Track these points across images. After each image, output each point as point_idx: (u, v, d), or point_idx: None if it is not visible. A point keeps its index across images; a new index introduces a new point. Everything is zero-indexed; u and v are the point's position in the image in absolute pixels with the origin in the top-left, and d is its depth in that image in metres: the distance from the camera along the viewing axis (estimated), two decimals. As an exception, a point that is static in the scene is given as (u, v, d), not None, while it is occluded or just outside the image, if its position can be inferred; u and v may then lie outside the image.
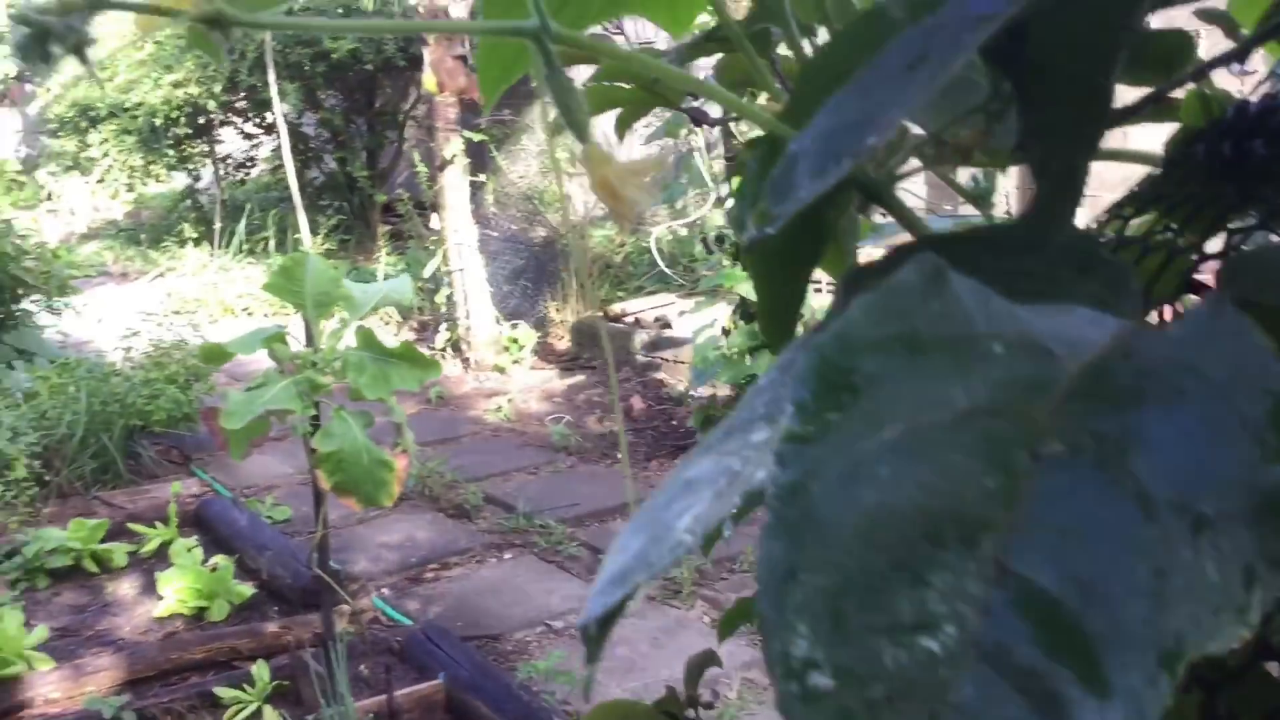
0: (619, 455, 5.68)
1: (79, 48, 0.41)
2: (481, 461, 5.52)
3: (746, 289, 5.22)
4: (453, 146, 6.73)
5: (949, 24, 0.31)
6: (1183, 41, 0.52)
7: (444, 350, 7.30)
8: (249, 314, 8.64)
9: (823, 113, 0.33)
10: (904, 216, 0.38)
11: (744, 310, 5.30)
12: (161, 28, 0.59)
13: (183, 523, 4.44)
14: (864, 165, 0.34)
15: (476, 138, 7.02)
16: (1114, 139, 0.49)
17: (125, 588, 4.07)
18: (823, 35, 0.59)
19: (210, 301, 8.64)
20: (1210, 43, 0.60)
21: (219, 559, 4.01)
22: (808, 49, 0.58)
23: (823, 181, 0.30)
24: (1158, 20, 0.53)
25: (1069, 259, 0.32)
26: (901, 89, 0.30)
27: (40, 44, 0.40)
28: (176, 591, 3.82)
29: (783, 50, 0.65)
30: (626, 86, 0.71)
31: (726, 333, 5.32)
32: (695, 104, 0.76)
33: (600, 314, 7.42)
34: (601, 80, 0.70)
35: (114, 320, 7.47)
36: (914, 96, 0.30)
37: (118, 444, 4.86)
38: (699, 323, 5.62)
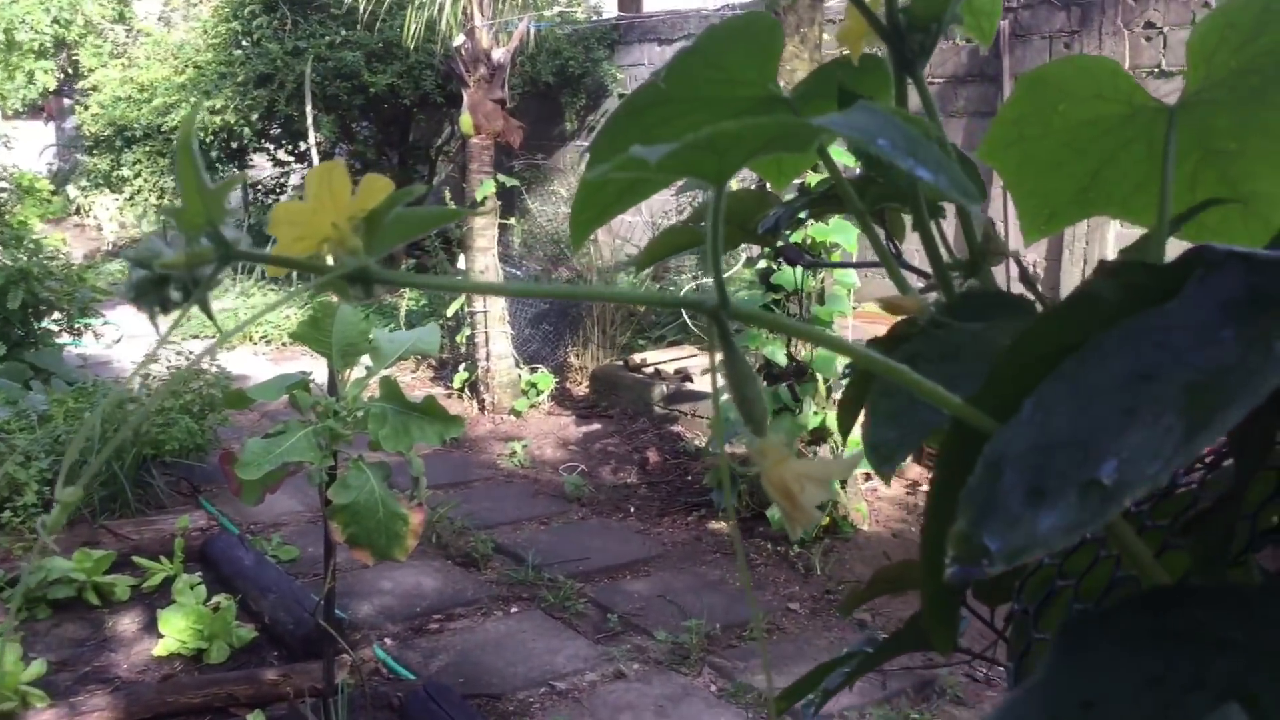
0: (631, 509, 5.61)
1: (201, 299, 0.37)
2: (493, 508, 5.46)
3: (771, 350, 5.17)
4: (485, 188, 6.72)
5: (1178, 339, 0.26)
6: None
7: (461, 390, 7.26)
8: (268, 342, 8.63)
9: (1031, 409, 0.28)
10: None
11: (768, 372, 5.24)
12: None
13: (188, 558, 4.39)
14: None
15: (510, 182, 7.01)
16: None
17: (126, 623, 4.01)
18: (950, 213, 0.53)
19: (229, 328, 8.63)
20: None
21: (221, 599, 3.94)
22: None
23: (1046, 522, 0.25)
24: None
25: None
26: (1127, 419, 0.25)
27: (158, 288, 0.36)
28: (177, 631, 3.75)
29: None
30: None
31: (749, 394, 5.26)
32: (786, 243, 0.71)
33: (621, 363, 7.37)
34: (697, 221, 0.66)
35: (132, 341, 7.47)
36: (1148, 439, 0.24)
37: (128, 472, 4.82)
38: (721, 380, 5.55)
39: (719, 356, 0.38)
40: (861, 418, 0.48)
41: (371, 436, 2.90)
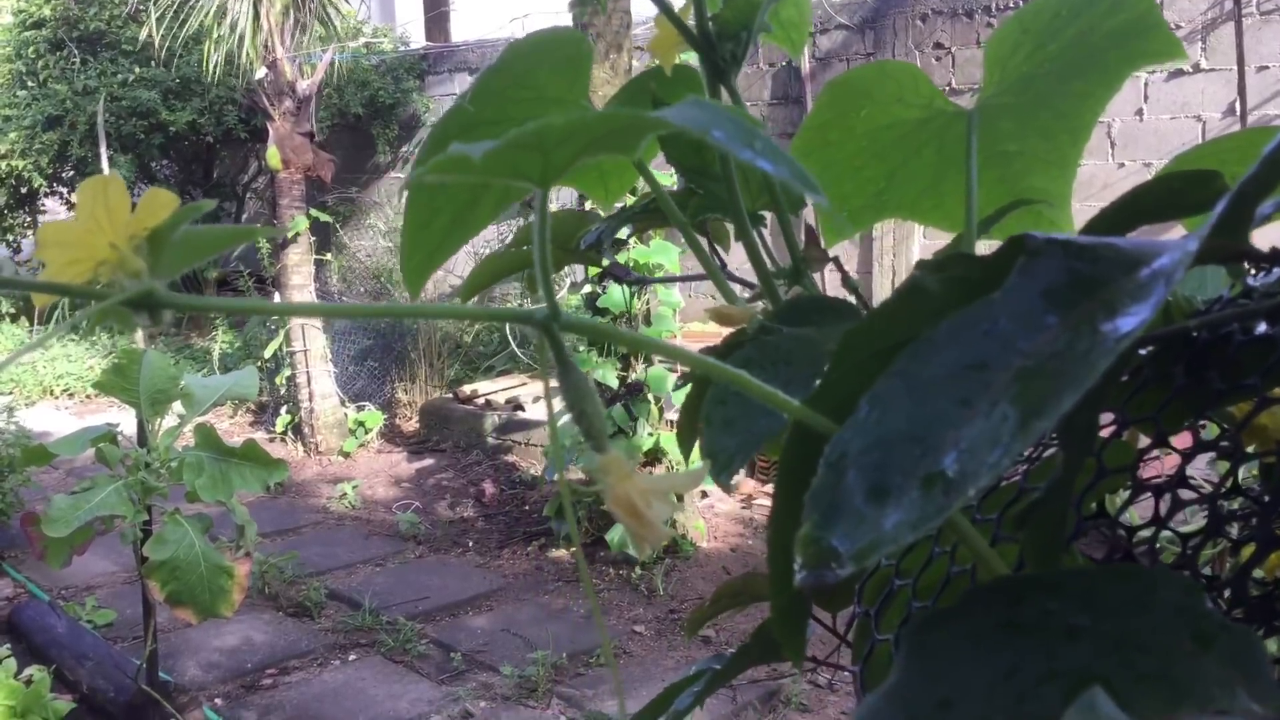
0: (470, 543, 5.52)
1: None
2: (324, 554, 5.28)
3: (602, 373, 5.18)
4: (297, 224, 6.53)
5: (1005, 327, 0.26)
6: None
7: (284, 434, 7.02)
8: (70, 395, 8.15)
9: (868, 405, 0.27)
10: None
11: (600, 395, 5.24)
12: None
13: (-7, 630, 4.08)
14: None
15: (323, 217, 6.83)
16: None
17: (-77, 708, 3.70)
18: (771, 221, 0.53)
19: (28, 383, 8.11)
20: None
21: (34, 670, 3.67)
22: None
23: (892, 519, 0.24)
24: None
25: (1182, 623, 0.26)
26: (963, 410, 0.25)
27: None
28: (-16, 711, 3.48)
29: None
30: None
31: (581, 418, 5.25)
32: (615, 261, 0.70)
33: (450, 395, 7.26)
34: (520, 245, 0.64)
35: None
36: (985, 428, 0.24)
37: (-80, 545, 4.46)
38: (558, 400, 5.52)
39: (554, 373, 0.37)
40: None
41: (188, 487, 2.76)
